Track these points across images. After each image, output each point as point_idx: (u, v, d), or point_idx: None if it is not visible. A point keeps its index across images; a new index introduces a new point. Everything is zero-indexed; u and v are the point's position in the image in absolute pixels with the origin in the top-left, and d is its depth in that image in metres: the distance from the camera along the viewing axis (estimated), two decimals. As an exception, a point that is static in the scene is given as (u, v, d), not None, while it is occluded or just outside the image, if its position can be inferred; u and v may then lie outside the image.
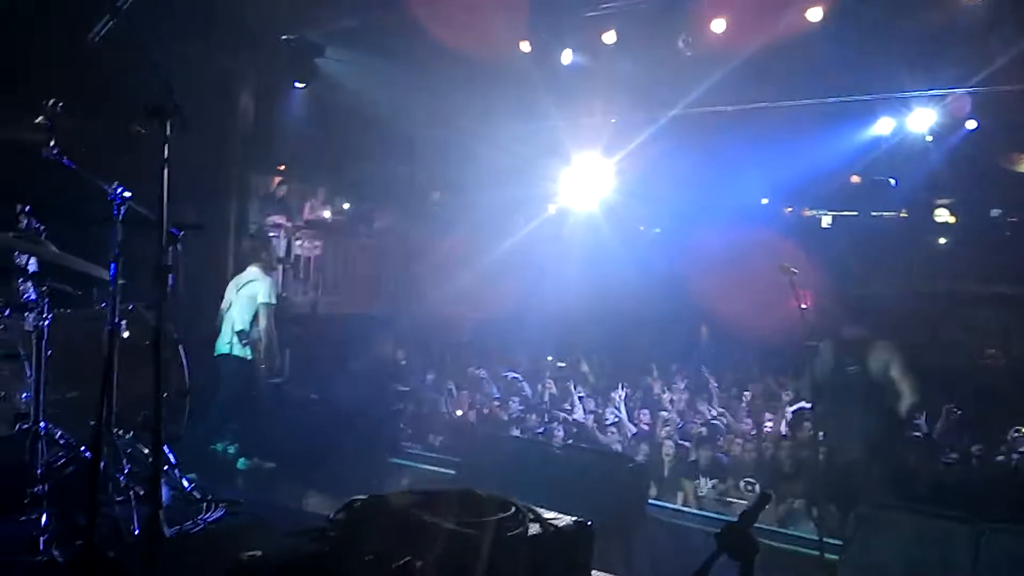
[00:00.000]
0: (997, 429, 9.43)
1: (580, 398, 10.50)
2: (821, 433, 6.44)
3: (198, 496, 5.29)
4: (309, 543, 2.50)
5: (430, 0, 8.41)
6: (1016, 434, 8.40)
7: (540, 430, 9.21)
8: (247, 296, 7.23)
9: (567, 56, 10.23)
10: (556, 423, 9.34)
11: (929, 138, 12.37)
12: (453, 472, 7.54)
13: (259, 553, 2.44)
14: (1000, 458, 8.35)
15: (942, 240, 16.91)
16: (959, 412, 9.11)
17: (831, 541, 5.37)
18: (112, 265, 4.48)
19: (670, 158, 12.56)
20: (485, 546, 2.45)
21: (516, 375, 11.82)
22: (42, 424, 4.61)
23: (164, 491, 4.49)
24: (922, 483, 8.01)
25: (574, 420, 9.82)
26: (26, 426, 4.65)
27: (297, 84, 10.37)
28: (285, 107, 10.69)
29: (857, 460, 6.57)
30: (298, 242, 11.89)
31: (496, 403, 10.65)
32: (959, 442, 8.95)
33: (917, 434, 9.05)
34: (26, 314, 4.79)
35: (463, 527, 2.48)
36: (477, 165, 12.59)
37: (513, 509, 2.70)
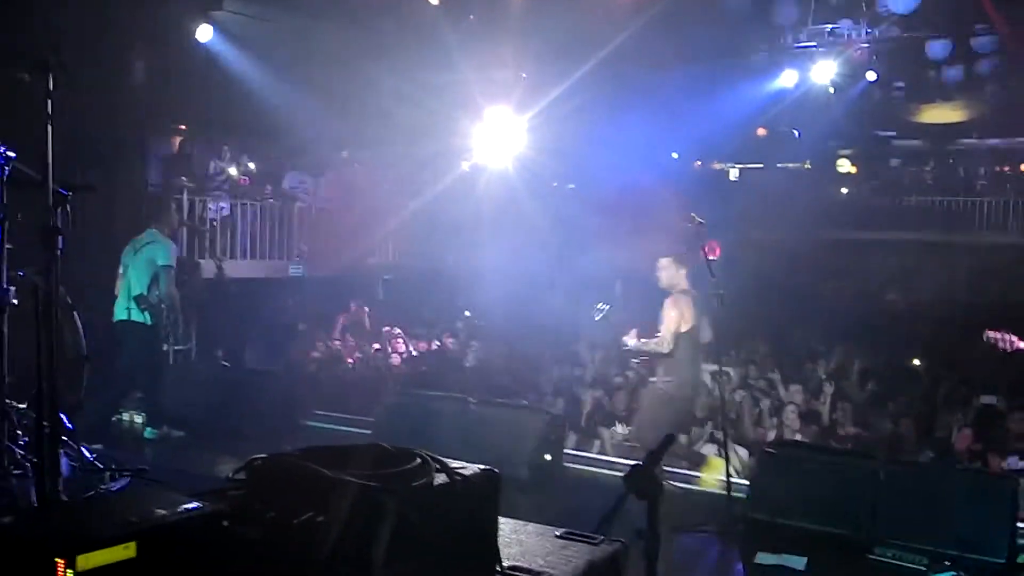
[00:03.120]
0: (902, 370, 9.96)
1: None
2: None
3: (100, 466, 5.15)
4: (210, 503, 2.45)
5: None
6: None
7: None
8: (145, 259, 6.94)
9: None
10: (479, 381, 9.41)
11: (831, 90, 12.72)
12: (370, 432, 7.47)
13: (163, 512, 2.37)
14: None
15: (844, 189, 17.48)
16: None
17: (739, 481, 5.54)
18: (-4, 229, 4.26)
19: (582, 114, 12.60)
20: (388, 497, 2.43)
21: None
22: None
23: (63, 461, 4.34)
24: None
25: (492, 376, 9.90)
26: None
27: (197, 37, 9.95)
28: (184, 63, 10.27)
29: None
30: (202, 204, 11.53)
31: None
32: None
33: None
34: (-96, 283, 4.51)
35: (365, 480, 2.45)
36: (387, 121, 12.37)
37: (418, 460, 2.68)
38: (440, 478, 2.70)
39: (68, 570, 2.02)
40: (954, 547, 4.85)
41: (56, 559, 1.98)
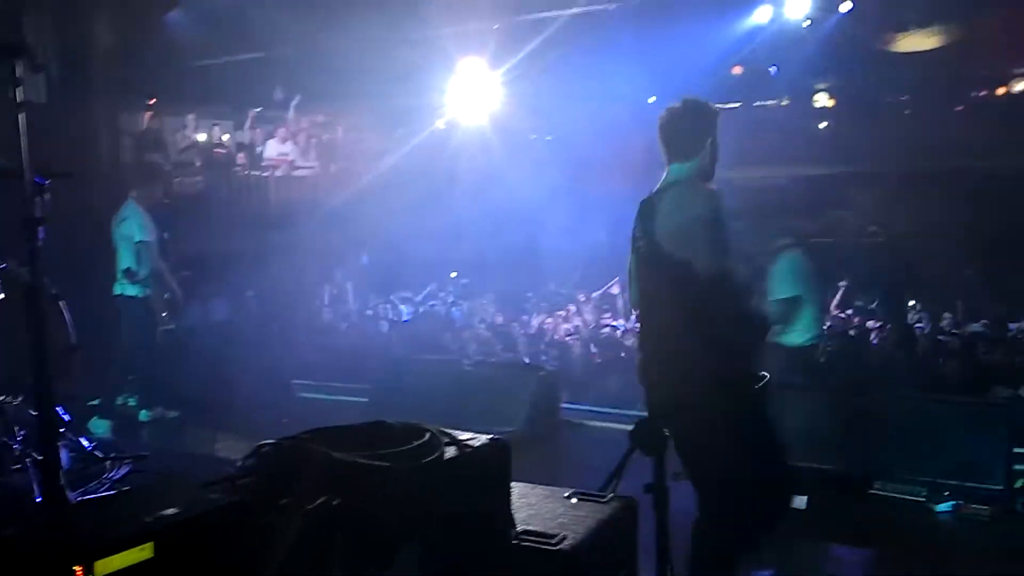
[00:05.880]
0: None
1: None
2: None
3: (100, 455, 5.12)
4: (221, 494, 2.42)
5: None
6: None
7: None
8: (124, 236, 6.89)
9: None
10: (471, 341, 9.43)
11: (806, 23, 12.55)
12: (366, 400, 7.48)
13: (177, 509, 2.34)
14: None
15: (822, 124, 17.40)
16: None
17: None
18: (-27, 223, 4.16)
19: (556, 65, 12.41)
20: (401, 476, 2.42)
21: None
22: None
23: (63, 454, 4.31)
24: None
25: (484, 336, 9.90)
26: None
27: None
28: (148, 34, 9.98)
29: None
30: (177, 179, 11.31)
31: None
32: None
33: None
34: None
35: (376, 460, 2.44)
36: (362, 77, 12.05)
37: (427, 435, 2.67)
38: (450, 451, 2.69)
39: None
40: (953, 476, 4.93)
41: (74, 567, 1.95)
